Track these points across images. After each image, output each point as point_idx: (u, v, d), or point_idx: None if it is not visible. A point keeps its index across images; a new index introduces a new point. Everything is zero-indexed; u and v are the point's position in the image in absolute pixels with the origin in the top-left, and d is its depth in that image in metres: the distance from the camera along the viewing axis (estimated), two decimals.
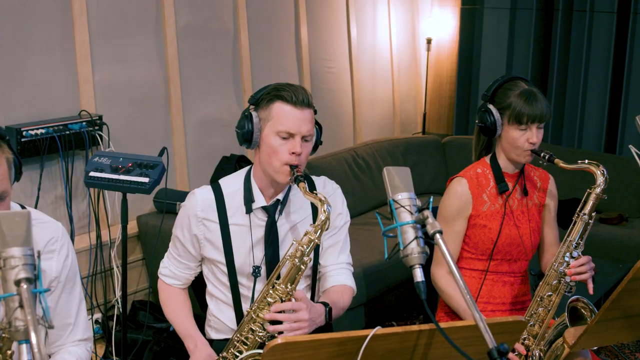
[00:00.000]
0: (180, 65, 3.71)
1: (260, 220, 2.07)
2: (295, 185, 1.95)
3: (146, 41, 3.57)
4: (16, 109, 3.11)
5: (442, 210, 2.36)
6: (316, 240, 1.90)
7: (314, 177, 2.17)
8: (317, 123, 2.06)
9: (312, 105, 2.00)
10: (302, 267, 1.91)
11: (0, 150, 1.61)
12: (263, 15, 4.15)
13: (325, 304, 2.00)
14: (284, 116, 1.95)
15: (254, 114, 2.00)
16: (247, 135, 1.99)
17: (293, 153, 1.95)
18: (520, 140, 2.25)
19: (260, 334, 1.94)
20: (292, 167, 1.96)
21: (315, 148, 2.07)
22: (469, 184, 2.33)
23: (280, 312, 1.89)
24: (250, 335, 1.96)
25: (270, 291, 1.94)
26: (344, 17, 4.74)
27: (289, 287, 1.92)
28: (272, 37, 4.24)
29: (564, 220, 2.47)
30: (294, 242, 1.93)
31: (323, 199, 1.89)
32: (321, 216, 1.89)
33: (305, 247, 1.90)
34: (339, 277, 2.15)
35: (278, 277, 1.95)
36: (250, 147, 2.03)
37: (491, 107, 2.29)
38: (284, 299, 1.92)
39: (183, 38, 3.72)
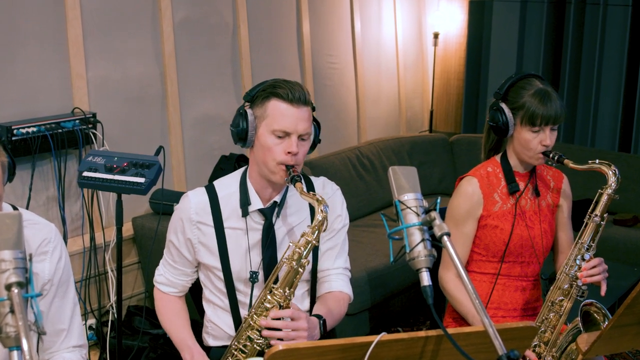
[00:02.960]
0: (178, 61, 3.69)
1: (256, 223, 2.03)
2: (293, 187, 1.93)
3: (142, 36, 3.54)
4: (6, 106, 3.08)
5: (451, 211, 2.32)
6: (314, 242, 1.87)
7: (312, 178, 2.14)
8: (315, 120, 2.02)
9: (309, 103, 1.97)
10: (300, 269, 1.89)
11: None
12: (263, 9, 4.14)
13: (319, 317, 1.98)
14: (279, 114, 1.92)
15: (249, 111, 1.97)
16: (241, 133, 1.97)
17: (289, 153, 1.92)
18: (533, 142, 2.21)
19: (259, 341, 1.92)
20: (288, 167, 1.92)
21: (313, 147, 2.04)
22: (480, 183, 2.29)
23: (278, 318, 1.87)
24: (248, 343, 1.94)
25: (268, 296, 1.91)
26: (348, 11, 4.72)
27: (287, 292, 1.90)
28: (273, 32, 4.22)
29: (576, 221, 2.42)
30: (291, 244, 1.89)
31: (320, 198, 1.86)
32: (318, 216, 1.86)
33: (302, 249, 1.87)
34: (335, 282, 2.13)
35: (276, 281, 1.92)
36: (245, 146, 2.01)
37: (503, 105, 2.25)
38: (282, 304, 1.90)
39: (180, 33, 3.70)
